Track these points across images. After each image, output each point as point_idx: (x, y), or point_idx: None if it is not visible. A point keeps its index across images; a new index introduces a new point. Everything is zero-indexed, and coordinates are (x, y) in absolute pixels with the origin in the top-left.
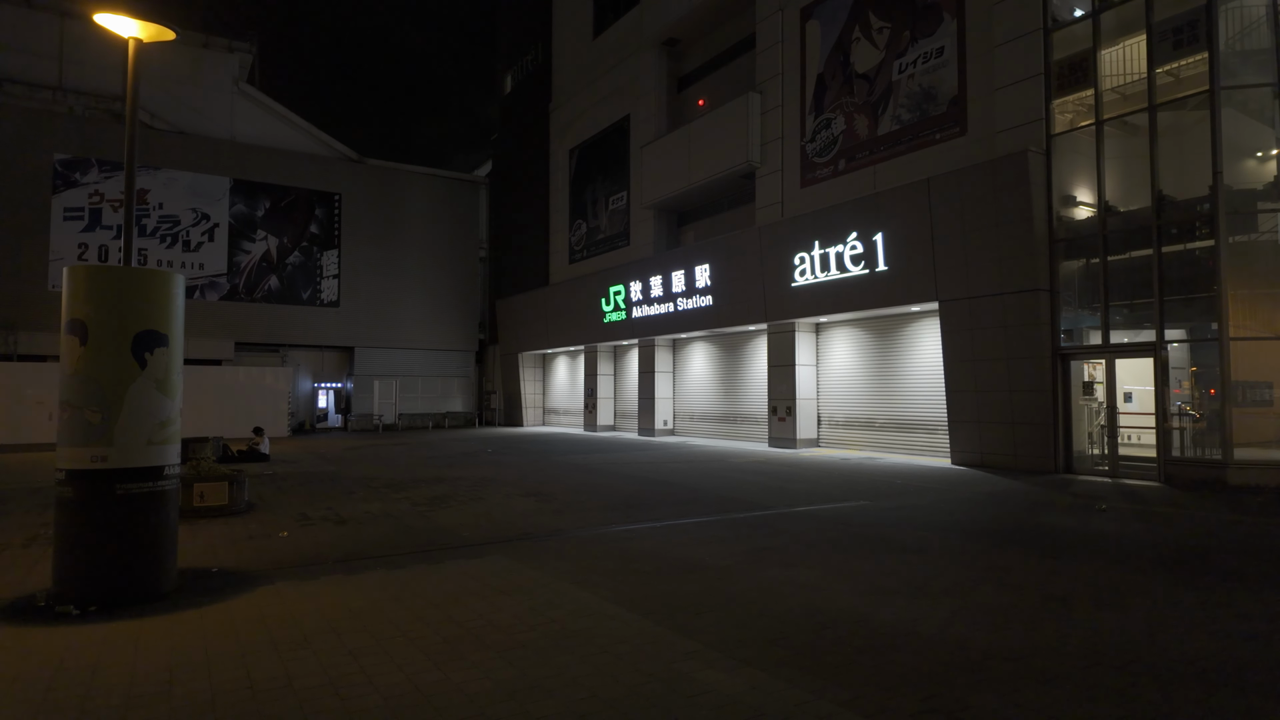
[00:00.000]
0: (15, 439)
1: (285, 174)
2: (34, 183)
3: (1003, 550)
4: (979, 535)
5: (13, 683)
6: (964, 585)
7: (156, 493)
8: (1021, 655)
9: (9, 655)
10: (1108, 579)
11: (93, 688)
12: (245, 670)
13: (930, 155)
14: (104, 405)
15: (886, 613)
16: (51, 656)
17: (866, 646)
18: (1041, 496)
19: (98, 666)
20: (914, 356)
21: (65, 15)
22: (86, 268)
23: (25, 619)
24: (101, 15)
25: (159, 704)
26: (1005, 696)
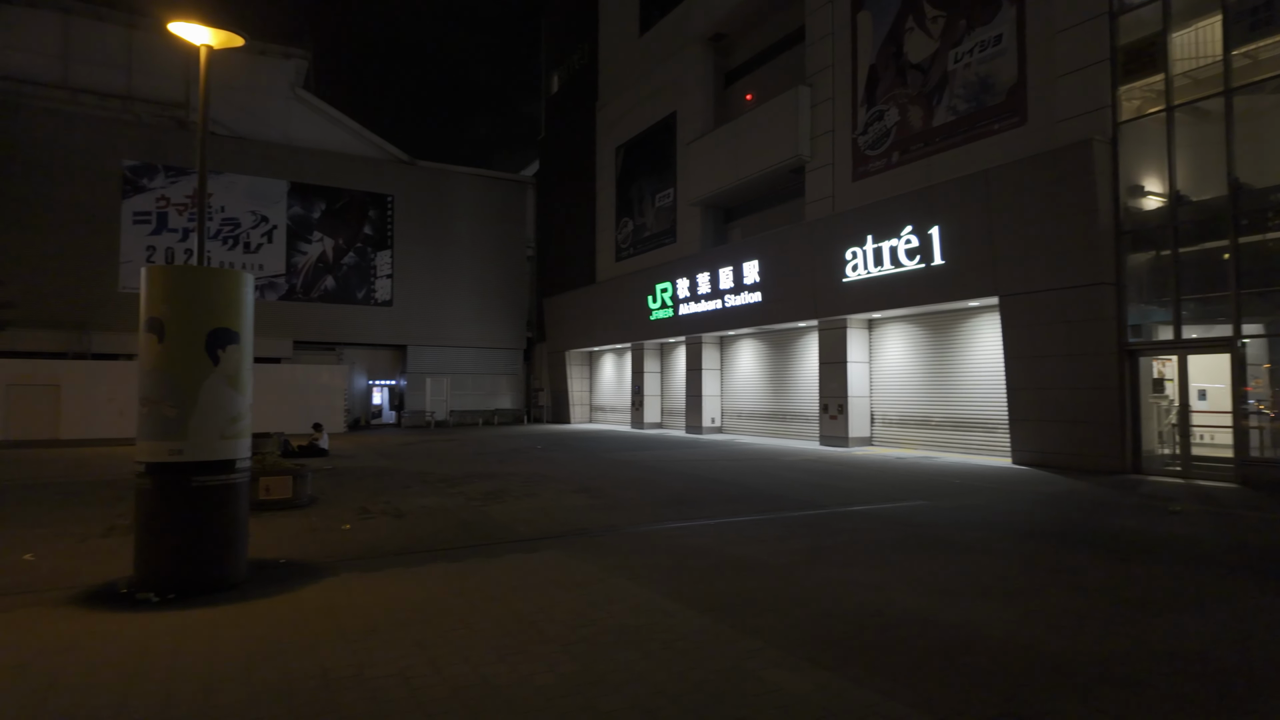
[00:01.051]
0: (90, 434)
1: (340, 176)
2: (104, 188)
3: (1071, 552)
4: (1045, 536)
5: (102, 666)
6: (1032, 587)
7: (229, 485)
8: (1100, 660)
9: (98, 639)
10: (1186, 583)
11: (175, 672)
12: (318, 659)
13: (988, 146)
14: (180, 400)
15: (952, 614)
16: (135, 642)
17: (934, 648)
18: (1110, 497)
19: (178, 652)
20: (971, 353)
21: (133, 27)
22: (164, 268)
23: (110, 605)
24: (175, 24)
25: (238, 689)
26: (1087, 703)
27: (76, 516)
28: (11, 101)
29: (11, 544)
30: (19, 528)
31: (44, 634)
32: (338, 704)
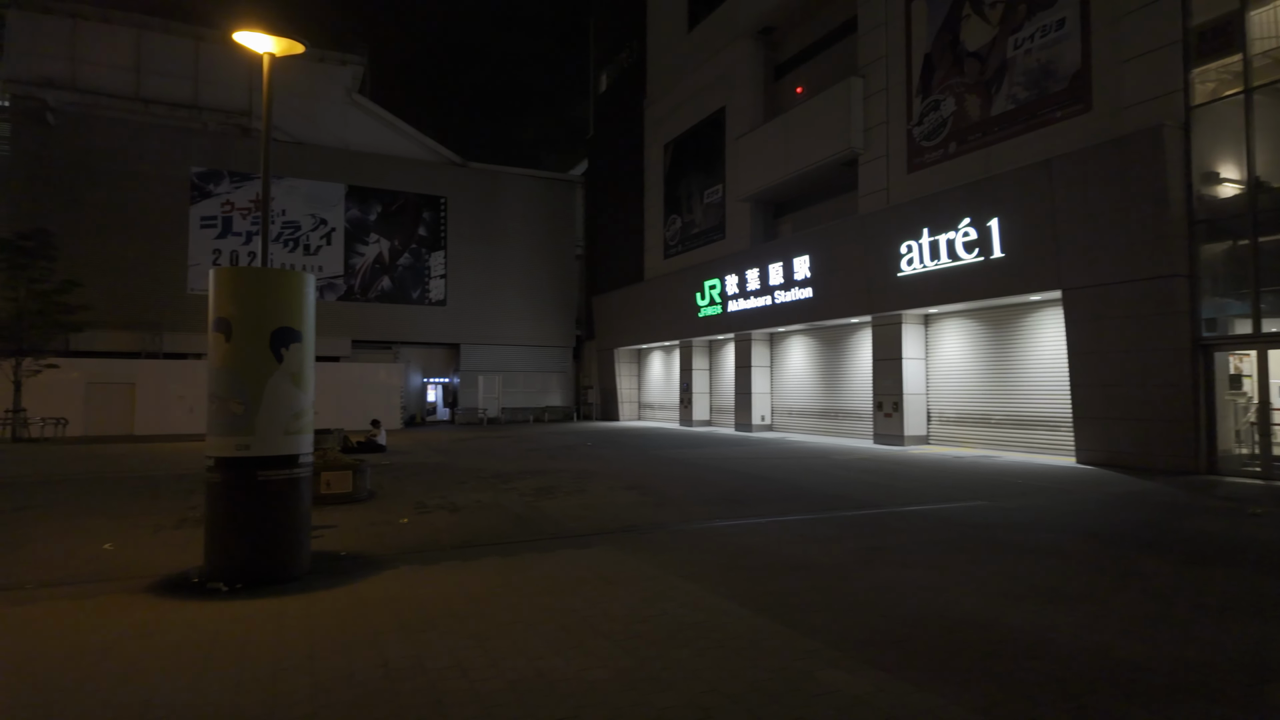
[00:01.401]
0: (162, 430)
1: (395, 179)
2: (174, 194)
3: (1143, 555)
4: (1114, 539)
5: (176, 650)
6: (1101, 591)
7: (293, 480)
8: (1173, 668)
9: (172, 626)
10: (1269, 589)
11: (244, 659)
12: (378, 650)
13: (1050, 134)
14: (246, 397)
15: (1016, 618)
16: (207, 629)
17: (997, 652)
18: (1183, 499)
19: (246, 640)
20: (1033, 348)
21: (200, 39)
22: (231, 270)
23: (183, 594)
24: (239, 34)
25: (303, 676)
26: (1160, 712)
27: (151, 509)
28: (90, 114)
29: (92, 535)
30: (99, 519)
31: (123, 620)
32: (398, 693)
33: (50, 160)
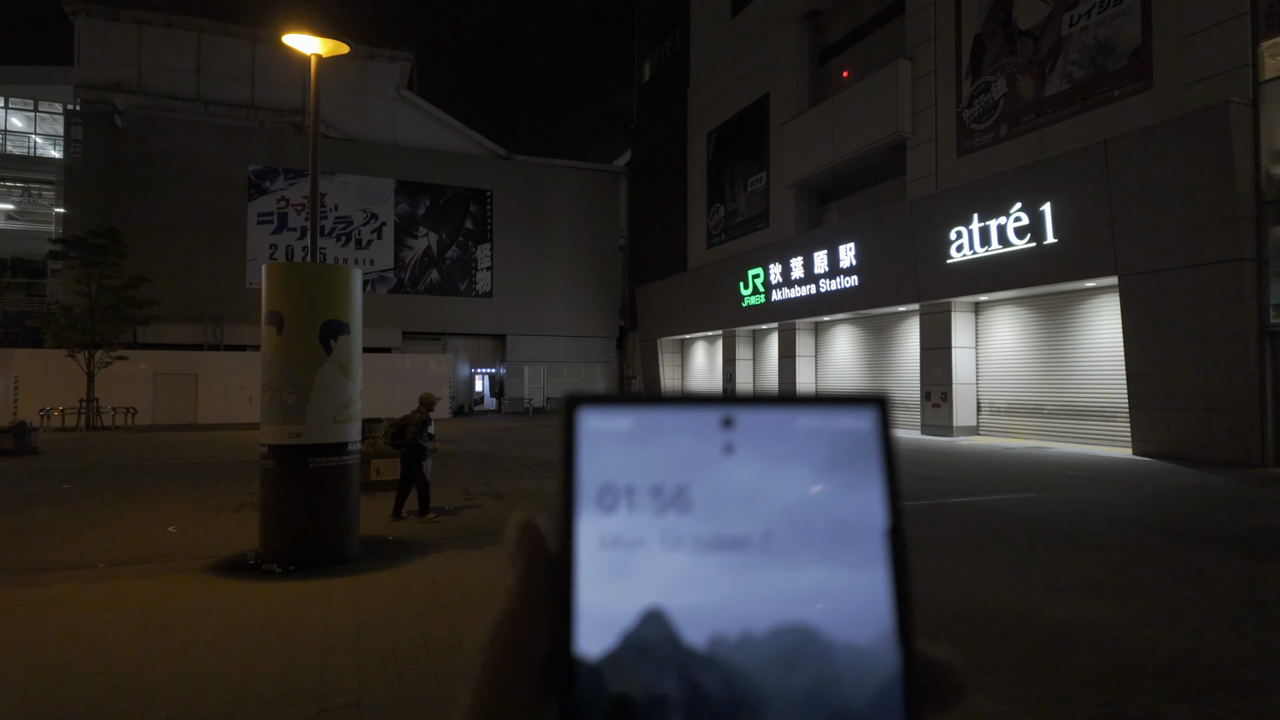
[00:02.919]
0: (223, 419)
1: (442, 173)
2: (232, 192)
3: (1198, 549)
4: (1168, 532)
5: (234, 627)
6: (1150, 585)
7: (342, 467)
8: (1219, 664)
9: (230, 603)
10: None
11: (297, 635)
12: (421, 629)
13: (1107, 114)
14: (298, 387)
15: (1059, 610)
16: (262, 607)
17: (1035, 645)
18: (1245, 492)
19: (299, 618)
20: (1088, 336)
21: (256, 40)
22: (281, 265)
23: (240, 574)
24: (289, 36)
25: (350, 653)
26: (1201, 708)
27: (212, 493)
28: (155, 116)
29: (158, 518)
30: (164, 503)
31: (185, 598)
32: (438, 671)
33: (118, 161)
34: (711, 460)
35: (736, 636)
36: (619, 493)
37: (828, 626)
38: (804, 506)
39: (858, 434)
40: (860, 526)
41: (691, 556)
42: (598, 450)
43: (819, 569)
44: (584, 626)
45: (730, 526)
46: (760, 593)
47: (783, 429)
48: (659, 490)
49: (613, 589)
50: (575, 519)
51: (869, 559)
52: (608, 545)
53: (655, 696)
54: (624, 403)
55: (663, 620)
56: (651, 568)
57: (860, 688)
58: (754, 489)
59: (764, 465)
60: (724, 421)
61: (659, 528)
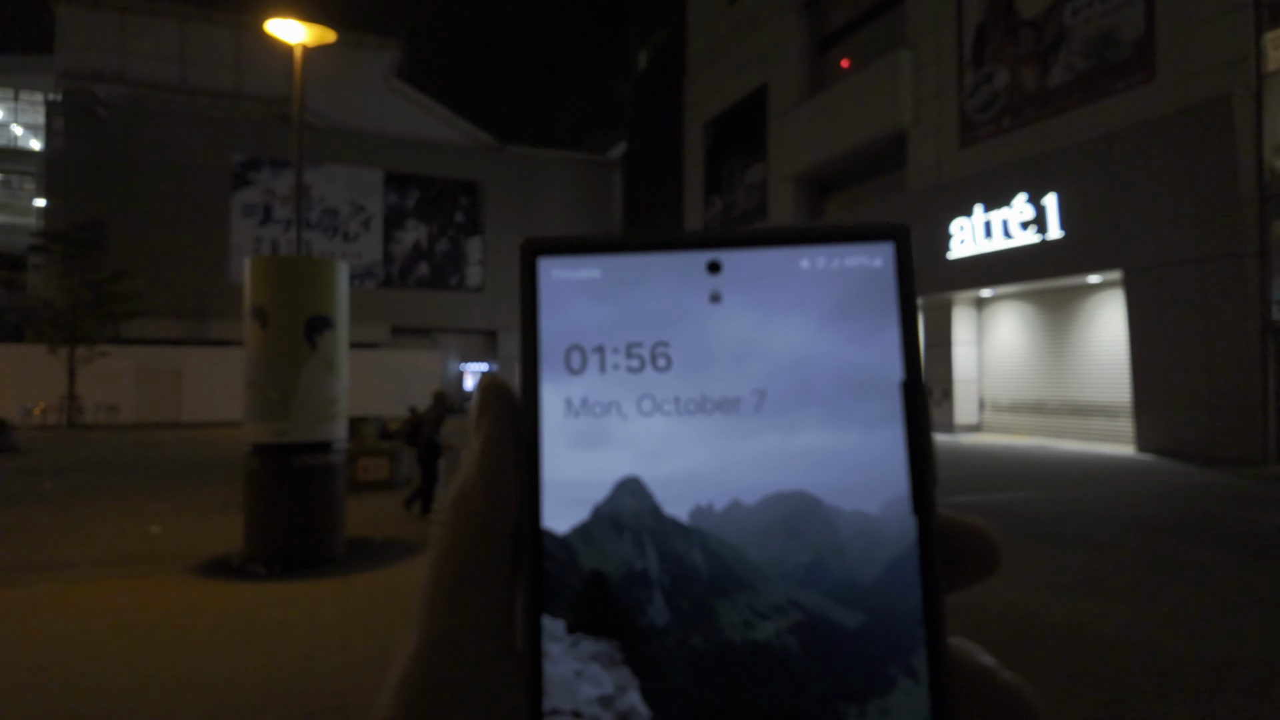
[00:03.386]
0: (207, 416)
1: (432, 165)
2: (216, 183)
3: (1201, 548)
4: (1170, 531)
5: (217, 629)
6: (1152, 585)
7: (328, 465)
8: (1221, 665)
9: (213, 605)
10: None
11: (281, 638)
12: None
13: (1111, 106)
14: (282, 384)
15: (1059, 611)
16: (246, 609)
17: (1036, 645)
18: (1247, 490)
19: (284, 621)
20: (1092, 333)
21: (241, 28)
22: (265, 259)
23: (224, 575)
24: (273, 22)
25: (335, 656)
26: (1201, 707)
27: (196, 493)
28: (138, 106)
29: (141, 517)
30: (147, 502)
31: (168, 599)
32: None
33: (100, 152)
34: (695, 311)
35: (724, 507)
36: (588, 351)
37: (830, 493)
38: (804, 360)
39: (870, 274)
40: (871, 381)
41: (672, 420)
42: (563, 304)
43: (821, 430)
44: (553, 498)
45: (717, 385)
46: (752, 458)
47: (779, 271)
48: (634, 347)
49: (584, 457)
50: (539, 381)
51: (881, 417)
52: (577, 410)
53: (632, 573)
54: (592, 249)
55: (640, 490)
56: (627, 434)
57: (869, 561)
58: (745, 342)
59: (757, 314)
60: (710, 266)
61: (635, 389)
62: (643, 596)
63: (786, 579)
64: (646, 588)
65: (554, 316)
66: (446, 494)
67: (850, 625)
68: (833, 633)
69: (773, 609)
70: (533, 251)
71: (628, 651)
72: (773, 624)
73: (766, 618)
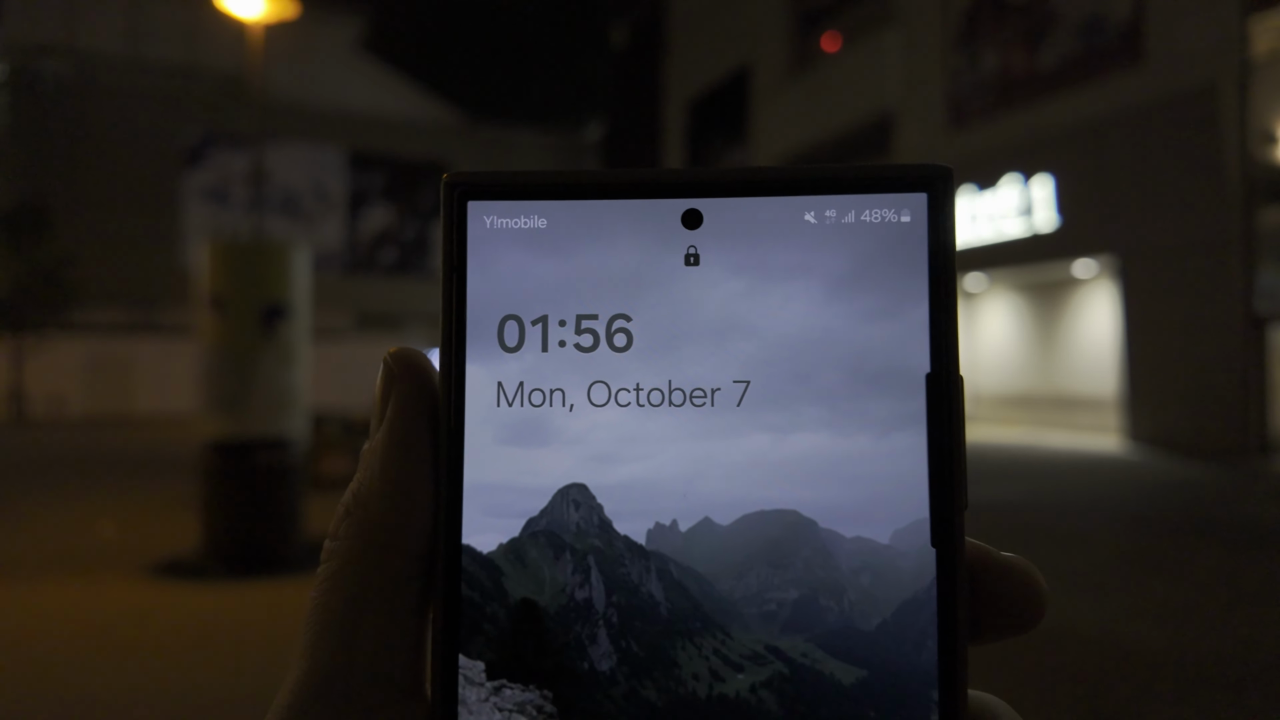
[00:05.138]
0: (161, 407)
1: (399, 143)
2: (170, 163)
3: (1184, 542)
4: (1155, 524)
5: (173, 634)
6: (1135, 580)
7: (285, 461)
8: (1202, 659)
9: (168, 608)
10: None
11: (240, 644)
12: None
13: (1098, 91)
14: (238, 376)
15: None
16: (203, 611)
17: (1020, 643)
18: (1232, 482)
19: (242, 625)
20: (1079, 325)
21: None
22: (220, 245)
23: (178, 576)
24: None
25: None
26: (1183, 704)
27: (149, 489)
28: (86, 80)
29: (92, 516)
30: (98, 499)
31: (120, 602)
32: None
33: (47, 130)
34: (666, 275)
35: (692, 526)
36: (528, 323)
37: (828, 515)
38: (803, 343)
39: (894, 232)
40: (888, 372)
41: (631, 414)
42: (498, 261)
43: (820, 433)
44: (477, 507)
45: (690, 372)
46: (729, 466)
47: (776, 226)
48: (587, 319)
49: (518, 456)
50: (464, 360)
51: (898, 419)
52: (511, 397)
53: (572, 604)
54: (537, 191)
55: (586, 500)
56: (573, 429)
57: (873, 602)
58: (728, 317)
59: (745, 281)
60: (687, 217)
61: (586, 373)
62: (583, 635)
63: (767, 620)
64: (589, 624)
65: (486, 277)
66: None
67: (845, 682)
68: (822, 690)
69: (748, 657)
70: (460, 192)
71: (562, 703)
72: (746, 676)
73: (739, 668)
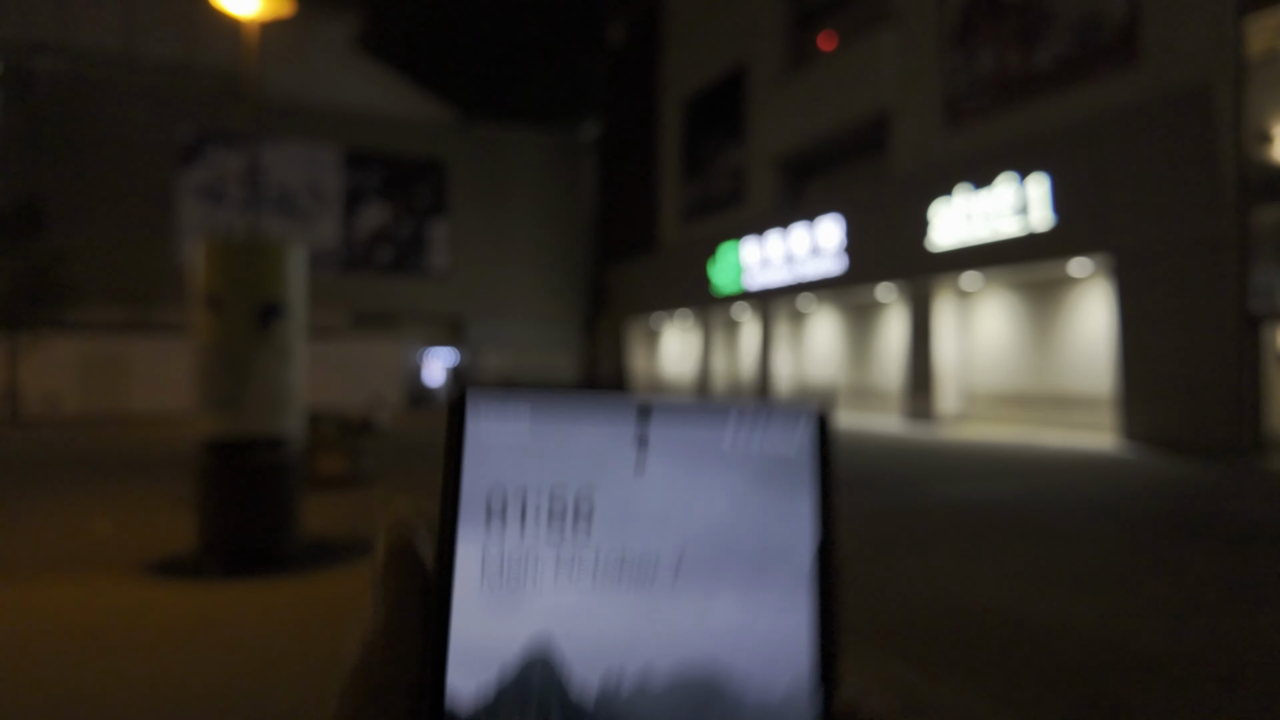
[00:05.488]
0: (157, 407)
1: (395, 141)
2: (165, 161)
3: (1180, 540)
4: (1151, 522)
5: (169, 632)
6: (1131, 578)
7: (282, 459)
8: (1198, 656)
9: (164, 607)
10: None
11: (236, 643)
12: None
13: (1094, 91)
14: (235, 374)
15: (1039, 605)
16: (199, 610)
17: (1015, 640)
18: (1226, 480)
19: (239, 623)
20: (1074, 323)
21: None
22: (216, 243)
23: (175, 575)
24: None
25: (293, 658)
26: (1177, 699)
27: (145, 489)
28: (80, 78)
29: (88, 515)
30: (94, 498)
31: (116, 601)
32: None
33: (41, 127)
34: (621, 471)
35: (635, 680)
36: (510, 505)
37: (740, 669)
38: (724, 528)
39: (791, 447)
40: (786, 553)
41: (590, 583)
42: (489, 453)
43: (736, 600)
44: (458, 666)
45: (637, 549)
46: (667, 628)
47: (705, 437)
48: (557, 504)
49: (496, 620)
50: (456, 539)
51: (794, 590)
52: (493, 568)
53: None
54: (522, 398)
55: (549, 660)
56: (542, 595)
57: None
58: (667, 506)
59: (680, 479)
60: (639, 427)
61: (555, 548)
62: None
63: None
64: None
65: (478, 465)
66: (344, 659)
67: None
68: None
69: None
70: (462, 397)
71: None
72: None
73: None
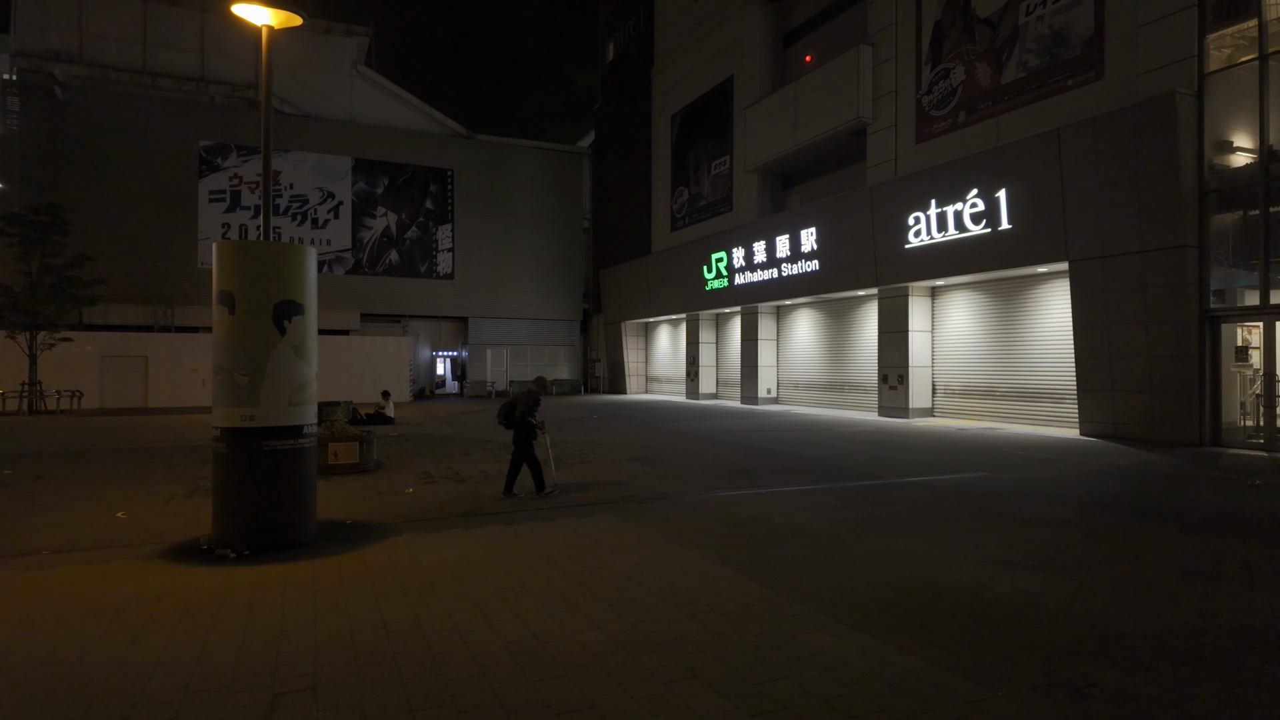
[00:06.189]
0: (174, 402)
1: (402, 152)
2: (182, 168)
3: (1139, 525)
4: (1112, 509)
5: (185, 614)
6: (1093, 560)
7: (298, 450)
8: (1158, 634)
9: (181, 590)
10: (1262, 558)
11: (250, 622)
12: (379, 612)
13: (1061, 103)
14: (251, 369)
15: (1005, 585)
16: (215, 593)
17: (984, 618)
18: (1184, 470)
19: (253, 603)
20: (1040, 321)
21: (205, 10)
22: (232, 244)
23: (192, 560)
24: (237, 5)
25: (306, 637)
26: (1137, 674)
27: (163, 478)
28: (98, 88)
29: (106, 504)
30: (113, 488)
31: (134, 584)
32: (395, 653)
33: (60, 135)
34: None
35: None
36: None
37: None
38: None
39: None
40: None
41: None
42: None
43: None
44: None
45: None
46: None
47: None
48: None
49: None
50: None
51: None
52: None
53: None
54: None
55: None
56: None
57: None
58: None
59: None
60: None
61: None
62: None
63: None
64: None
65: None
66: None
67: None
68: None
69: None
70: None
71: None
72: None
73: None
